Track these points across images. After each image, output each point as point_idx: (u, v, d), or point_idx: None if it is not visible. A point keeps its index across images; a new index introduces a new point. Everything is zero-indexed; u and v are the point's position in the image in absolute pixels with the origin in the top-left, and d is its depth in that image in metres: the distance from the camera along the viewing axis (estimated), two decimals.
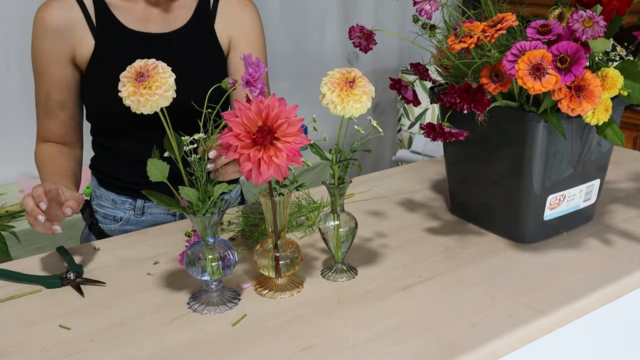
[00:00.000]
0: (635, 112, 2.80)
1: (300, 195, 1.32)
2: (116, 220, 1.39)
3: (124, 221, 1.39)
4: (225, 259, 0.97)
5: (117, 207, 1.38)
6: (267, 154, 0.84)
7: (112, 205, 1.39)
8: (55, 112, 1.30)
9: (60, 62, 1.25)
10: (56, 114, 1.30)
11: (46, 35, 1.24)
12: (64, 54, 1.25)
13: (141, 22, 1.29)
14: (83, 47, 1.25)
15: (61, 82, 1.27)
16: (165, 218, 1.39)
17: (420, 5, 1.08)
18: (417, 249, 1.17)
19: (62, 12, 1.24)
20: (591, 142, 1.16)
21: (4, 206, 2.28)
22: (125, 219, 1.38)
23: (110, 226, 1.40)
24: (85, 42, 1.25)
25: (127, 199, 1.37)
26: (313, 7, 3.06)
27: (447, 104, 1.05)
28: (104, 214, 1.40)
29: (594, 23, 0.99)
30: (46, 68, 1.26)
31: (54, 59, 1.25)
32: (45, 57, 1.25)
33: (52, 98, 1.28)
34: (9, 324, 0.96)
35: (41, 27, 1.24)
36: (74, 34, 1.25)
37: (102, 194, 1.39)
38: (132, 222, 1.39)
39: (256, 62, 0.96)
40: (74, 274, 1.07)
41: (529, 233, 1.18)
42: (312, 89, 1.42)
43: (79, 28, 1.25)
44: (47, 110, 1.29)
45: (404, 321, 0.94)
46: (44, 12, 1.24)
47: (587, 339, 1.14)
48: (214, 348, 0.89)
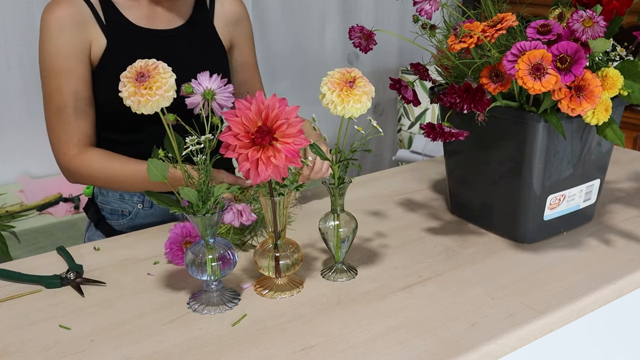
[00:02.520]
0: (635, 112, 2.80)
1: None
2: (124, 215, 1.39)
3: (132, 215, 1.39)
4: (225, 259, 0.97)
5: (125, 201, 1.38)
6: (266, 154, 0.84)
7: (119, 200, 1.38)
8: (87, 111, 1.26)
9: (82, 58, 1.24)
10: (87, 112, 1.26)
11: (63, 32, 1.21)
12: (83, 50, 1.24)
13: (147, 19, 1.30)
14: (96, 44, 1.25)
15: (86, 79, 1.25)
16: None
17: (420, 5, 1.08)
18: (417, 249, 1.17)
19: (73, 9, 1.22)
20: (591, 142, 1.16)
21: (4, 206, 2.28)
22: (134, 213, 1.38)
23: (118, 221, 1.39)
24: (97, 38, 1.25)
25: (135, 192, 1.37)
26: (313, 7, 3.06)
27: (447, 104, 1.05)
28: (111, 210, 1.39)
29: (594, 23, 0.99)
30: (70, 66, 1.22)
31: (76, 55, 1.23)
32: (67, 55, 1.22)
33: (81, 96, 1.25)
34: (9, 324, 0.96)
35: (56, 25, 1.21)
36: (88, 30, 1.24)
37: (108, 190, 1.38)
38: (141, 216, 1.39)
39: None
40: (74, 274, 1.07)
41: (529, 233, 1.18)
42: (312, 89, 1.43)
43: (90, 25, 1.24)
44: (78, 110, 1.25)
45: (404, 321, 0.94)
46: (54, 12, 1.21)
47: (586, 339, 1.14)
48: (214, 348, 0.89)
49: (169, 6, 1.33)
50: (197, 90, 0.96)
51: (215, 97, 0.95)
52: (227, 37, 1.42)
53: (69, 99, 1.24)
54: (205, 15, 1.38)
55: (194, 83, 0.96)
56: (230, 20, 1.42)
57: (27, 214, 2.26)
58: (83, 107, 1.26)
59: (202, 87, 0.96)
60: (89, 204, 1.44)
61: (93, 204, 1.42)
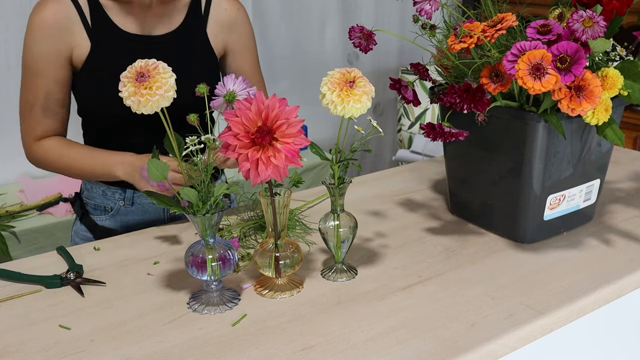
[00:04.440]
0: (635, 112, 2.80)
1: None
2: (106, 210, 1.40)
3: (114, 211, 1.40)
4: (225, 259, 0.97)
5: (107, 198, 1.39)
6: (266, 154, 0.84)
7: (102, 196, 1.40)
8: (56, 110, 1.31)
9: (61, 62, 1.26)
10: (57, 112, 1.31)
11: (45, 36, 1.24)
12: (63, 54, 1.26)
13: (135, 24, 1.29)
14: (79, 48, 1.26)
15: (62, 81, 1.28)
16: (154, 208, 1.40)
17: (420, 5, 1.08)
18: (417, 249, 1.17)
19: (59, 12, 1.24)
20: (591, 142, 1.16)
21: (4, 206, 2.28)
22: (116, 209, 1.39)
23: (100, 217, 1.41)
24: (81, 42, 1.26)
25: (117, 189, 1.38)
26: (313, 7, 3.06)
27: (447, 104, 1.05)
28: (94, 205, 1.41)
29: (594, 23, 0.99)
30: (47, 68, 1.26)
31: (55, 59, 1.25)
32: (45, 57, 1.25)
33: (53, 97, 1.29)
34: (9, 324, 0.96)
35: (39, 28, 1.24)
36: (72, 34, 1.25)
37: (93, 186, 1.41)
38: (122, 213, 1.40)
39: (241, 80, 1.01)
40: (74, 274, 1.07)
41: (529, 233, 1.18)
42: (312, 89, 1.43)
43: (75, 28, 1.25)
44: (47, 108, 1.30)
45: (403, 321, 0.94)
46: (40, 13, 1.23)
47: (586, 339, 1.14)
48: (214, 348, 0.89)
49: (159, 12, 1.30)
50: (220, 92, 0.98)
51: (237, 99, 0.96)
52: (220, 43, 1.38)
53: (40, 98, 1.29)
54: (198, 22, 1.35)
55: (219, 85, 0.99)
56: (224, 25, 1.38)
57: (27, 214, 2.26)
58: (52, 107, 1.30)
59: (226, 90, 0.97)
60: (75, 198, 1.46)
61: (79, 199, 1.45)
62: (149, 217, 1.40)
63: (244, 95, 0.98)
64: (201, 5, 1.36)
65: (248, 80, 1.25)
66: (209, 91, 0.98)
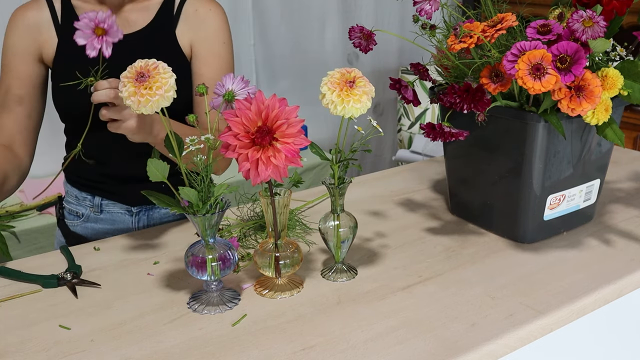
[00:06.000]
0: (635, 112, 2.81)
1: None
2: (78, 216, 1.41)
3: (84, 218, 1.40)
4: (225, 259, 0.97)
5: (80, 203, 1.40)
6: (266, 154, 0.84)
7: (75, 202, 1.41)
8: (11, 106, 1.30)
9: (24, 58, 1.28)
10: (11, 108, 1.30)
11: (15, 32, 1.28)
12: (29, 50, 1.28)
13: None
14: (48, 47, 1.29)
15: (23, 78, 1.29)
16: (122, 217, 1.39)
17: (420, 5, 1.08)
18: (417, 249, 1.17)
19: (33, 12, 1.28)
20: (591, 142, 1.16)
21: (4, 206, 2.28)
22: (86, 215, 1.40)
23: (73, 222, 1.41)
24: (50, 40, 1.28)
25: (87, 195, 1.39)
26: (313, 7, 3.06)
27: (447, 104, 1.05)
28: (69, 210, 1.42)
29: (594, 23, 0.99)
30: (11, 63, 1.29)
31: (20, 55, 1.28)
32: (11, 53, 1.28)
33: (11, 92, 1.29)
34: (9, 324, 0.96)
35: (12, 25, 1.28)
36: (41, 32, 1.28)
37: (69, 190, 1.42)
38: (92, 219, 1.40)
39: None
40: (71, 275, 1.07)
41: (529, 233, 1.18)
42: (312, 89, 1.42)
43: (45, 27, 1.28)
44: (4, 104, 1.30)
45: (403, 321, 0.94)
46: (16, 13, 1.29)
47: (586, 339, 1.14)
48: (214, 348, 0.89)
49: (130, 12, 1.30)
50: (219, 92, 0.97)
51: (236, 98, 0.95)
52: (187, 44, 1.32)
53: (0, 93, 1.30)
54: (169, 21, 1.31)
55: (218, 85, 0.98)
56: (192, 26, 1.32)
57: (27, 214, 2.26)
58: (10, 103, 1.30)
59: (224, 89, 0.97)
60: (56, 201, 1.47)
61: (59, 202, 1.45)
62: (117, 226, 1.39)
63: (243, 95, 0.97)
64: (174, 6, 1.32)
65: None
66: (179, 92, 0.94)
